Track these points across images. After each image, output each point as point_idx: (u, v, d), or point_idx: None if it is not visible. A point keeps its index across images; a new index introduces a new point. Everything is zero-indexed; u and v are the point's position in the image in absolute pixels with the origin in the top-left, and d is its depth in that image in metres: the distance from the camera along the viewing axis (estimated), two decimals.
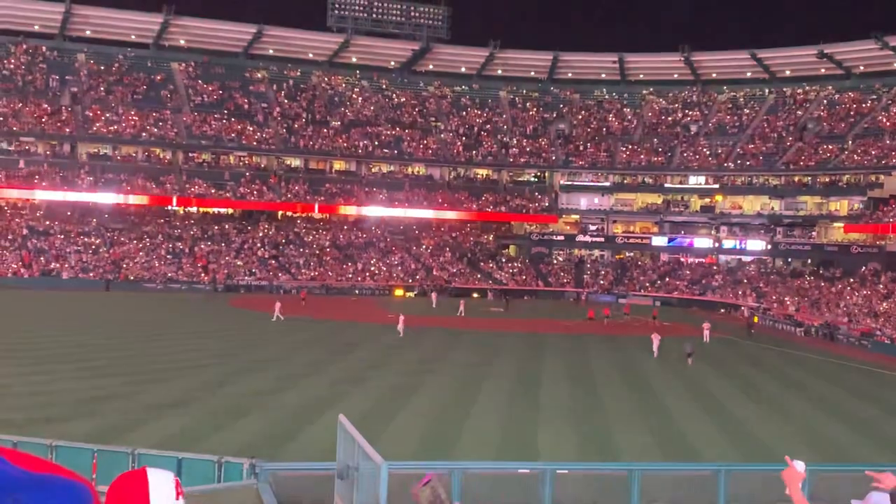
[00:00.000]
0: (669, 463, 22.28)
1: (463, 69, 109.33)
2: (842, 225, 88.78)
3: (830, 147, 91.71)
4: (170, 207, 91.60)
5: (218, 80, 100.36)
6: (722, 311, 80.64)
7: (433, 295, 78.34)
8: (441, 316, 64.97)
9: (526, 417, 29.72)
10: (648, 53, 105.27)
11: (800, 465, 4.90)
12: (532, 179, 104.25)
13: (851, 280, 78.97)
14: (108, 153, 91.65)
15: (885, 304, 68.70)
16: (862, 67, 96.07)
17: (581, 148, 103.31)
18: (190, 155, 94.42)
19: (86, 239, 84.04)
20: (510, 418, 29.43)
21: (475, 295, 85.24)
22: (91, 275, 78.72)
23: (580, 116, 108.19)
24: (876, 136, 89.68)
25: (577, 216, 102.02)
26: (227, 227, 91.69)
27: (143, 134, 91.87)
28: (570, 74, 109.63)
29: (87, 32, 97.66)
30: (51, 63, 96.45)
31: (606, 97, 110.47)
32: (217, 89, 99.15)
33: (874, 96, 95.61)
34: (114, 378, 33.08)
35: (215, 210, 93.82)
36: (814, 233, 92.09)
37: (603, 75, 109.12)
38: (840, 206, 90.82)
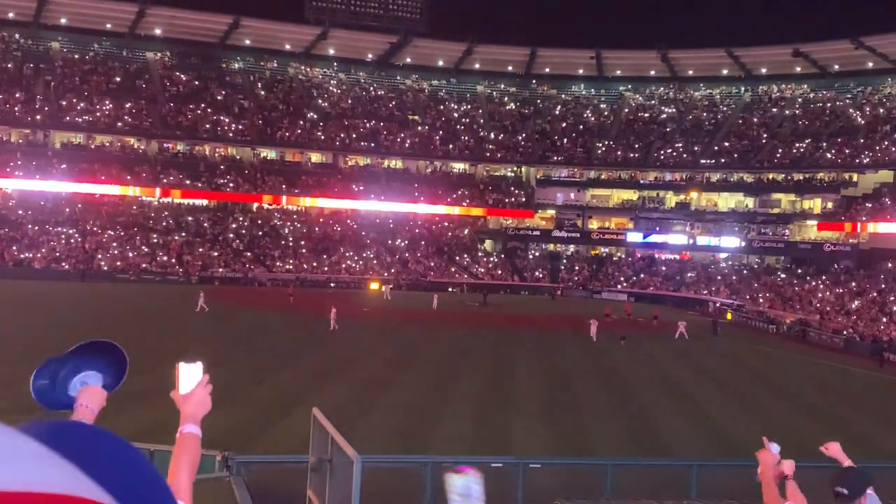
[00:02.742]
0: (642, 458, 22.40)
1: (441, 63, 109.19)
2: (815, 223, 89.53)
3: (805, 145, 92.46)
4: (144, 198, 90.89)
5: (194, 71, 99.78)
6: (698, 307, 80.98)
7: (387, 288, 78.32)
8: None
9: (500, 411, 29.77)
10: (626, 50, 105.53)
11: (774, 448, 5.07)
12: (509, 174, 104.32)
13: (824, 278, 79.64)
14: (82, 142, 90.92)
15: (856, 302, 69.35)
16: (837, 66, 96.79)
17: (558, 143, 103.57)
18: (165, 145, 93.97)
19: (59, 229, 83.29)
20: (484, 412, 29.47)
21: (451, 289, 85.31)
22: (64, 265, 78.06)
23: (557, 112, 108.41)
24: (850, 134, 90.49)
25: (553, 211, 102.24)
26: (201, 218, 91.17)
27: (118, 124, 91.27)
28: (547, 70, 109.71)
29: (62, 21, 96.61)
30: (25, 51, 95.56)
31: (583, 93, 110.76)
32: (193, 80, 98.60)
33: (849, 95, 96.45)
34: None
35: (190, 201, 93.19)
36: (787, 230, 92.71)
37: (580, 71, 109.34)
38: (814, 204, 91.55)
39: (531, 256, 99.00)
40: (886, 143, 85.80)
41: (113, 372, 2.98)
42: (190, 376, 3.28)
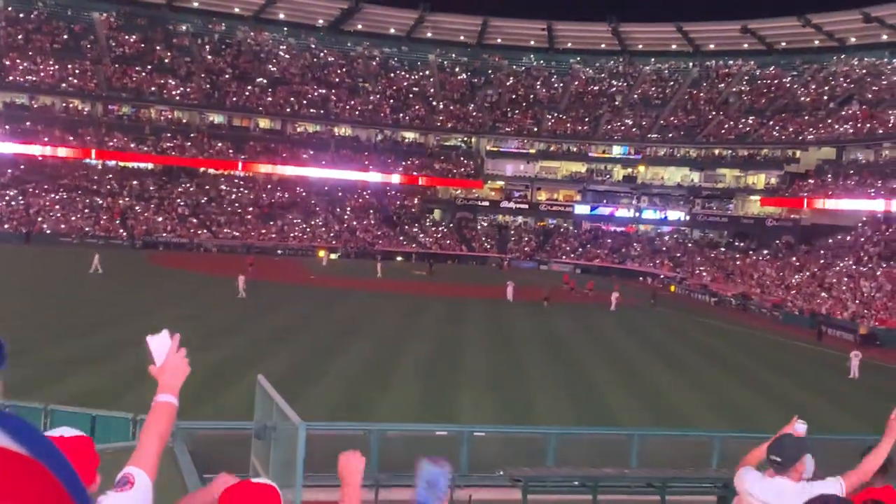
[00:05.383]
0: (585, 427, 22.73)
1: (392, 30, 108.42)
2: (758, 198, 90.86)
3: (750, 121, 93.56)
4: (88, 160, 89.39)
5: (140, 32, 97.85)
6: (640, 278, 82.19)
7: (324, 255, 78.45)
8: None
9: (445, 380, 29.97)
10: (577, 22, 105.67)
11: (801, 427, 5.31)
12: (459, 144, 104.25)
13: (765, 252, 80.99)
14: (26, 103, 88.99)
15: (797, 277, 70.63)
16: (784, 44, 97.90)
17: (508, 114, 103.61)
18: (109, 107, 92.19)
19: (0, 190, 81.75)
20: (431, 381, 29.65)
21: (399, 258, 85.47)
22: (6, 227, 76.71)
23: (508, 83, 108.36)
24: (794, 111, 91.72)
25: (502, 182, 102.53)
26: (146, 182, 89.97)
27: (62, 84, 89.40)
28: (499, 40, 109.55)
29: None
30: None
31: (534, 64, 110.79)
32: (139, 41, 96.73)
33: (794, 73, 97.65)
34: (28, 332, 32.38)
35: (135, 165, 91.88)
36: (731, 205, 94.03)
37: (532, 42, 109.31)
38: (757, 179, 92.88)
39: (480, 227, 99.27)
40: (830, 120, 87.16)
41: None
42: (159, 347, 3.23)
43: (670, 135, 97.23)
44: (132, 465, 2.94)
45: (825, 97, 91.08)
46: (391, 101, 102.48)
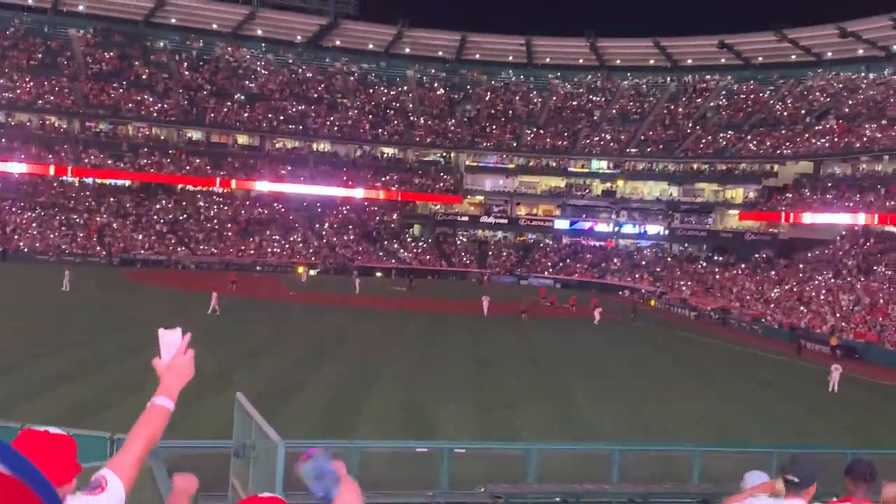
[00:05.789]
0: (566, 442, 22.63)
1: (371, 46, 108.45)
2: (737, 212, 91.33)
3: (728, 136, 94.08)
4: (64, 178, 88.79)
5: (117, 49, 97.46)
6: (620, 293, 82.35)
7: (303, 271, 78.43)
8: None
9: (427, 396, 29.81)
10: (555, 38, 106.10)
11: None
12: (438, 159, 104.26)
13: (744, 266, 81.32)
14: (2, 120, 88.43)
15: (776, 291, 70.90)
16: (761, 58, 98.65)
17: (487, 129, 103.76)
18: (87, 124, 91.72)
19: None
20: (410, 397, 29.49)
21: (378, 274, 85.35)
22: None
23: (487, 98, 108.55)
24: (772, 125, 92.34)
25: (481, 197, 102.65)
26: (124, 199, 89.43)
27: (39, 101, 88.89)
28: (477, 56, 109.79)
29: None
30: None
31: (513, 79, 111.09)
32: (116, 58, 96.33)
33: (771, 87, 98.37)
34: (2, 350, 32.02)
35: (112, 182, 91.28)
36: (710, 219, 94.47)
37: (510, 58, 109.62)
38: (736, 193, 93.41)
39: (459, 242, 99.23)
40: (807, 134, 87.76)
41: None
42: (170, 342, 3.10)
43: (649, 149, 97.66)
44: (109, 467, 2.82)
45: (802, 111, 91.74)
46: (370, 116, 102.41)
